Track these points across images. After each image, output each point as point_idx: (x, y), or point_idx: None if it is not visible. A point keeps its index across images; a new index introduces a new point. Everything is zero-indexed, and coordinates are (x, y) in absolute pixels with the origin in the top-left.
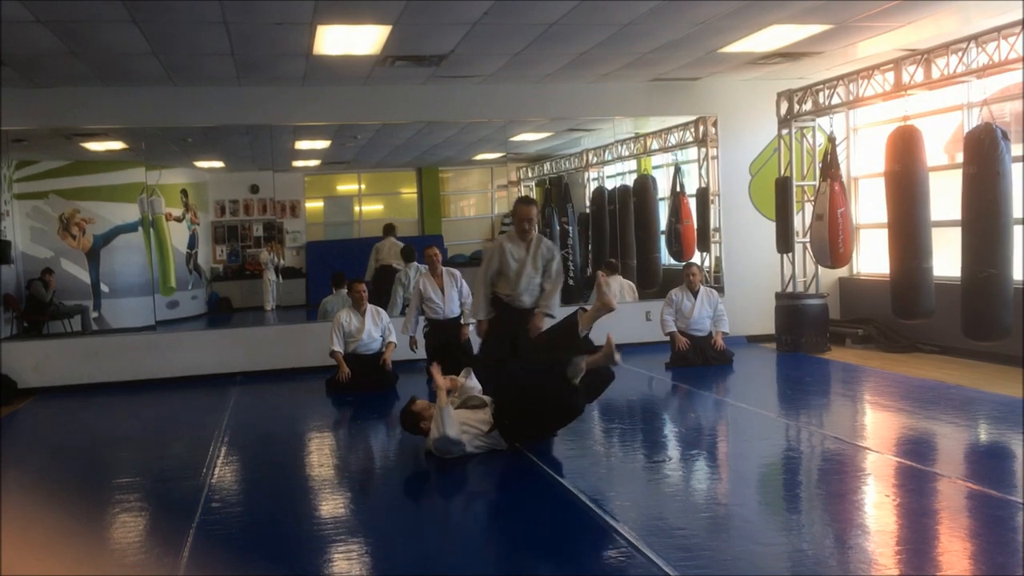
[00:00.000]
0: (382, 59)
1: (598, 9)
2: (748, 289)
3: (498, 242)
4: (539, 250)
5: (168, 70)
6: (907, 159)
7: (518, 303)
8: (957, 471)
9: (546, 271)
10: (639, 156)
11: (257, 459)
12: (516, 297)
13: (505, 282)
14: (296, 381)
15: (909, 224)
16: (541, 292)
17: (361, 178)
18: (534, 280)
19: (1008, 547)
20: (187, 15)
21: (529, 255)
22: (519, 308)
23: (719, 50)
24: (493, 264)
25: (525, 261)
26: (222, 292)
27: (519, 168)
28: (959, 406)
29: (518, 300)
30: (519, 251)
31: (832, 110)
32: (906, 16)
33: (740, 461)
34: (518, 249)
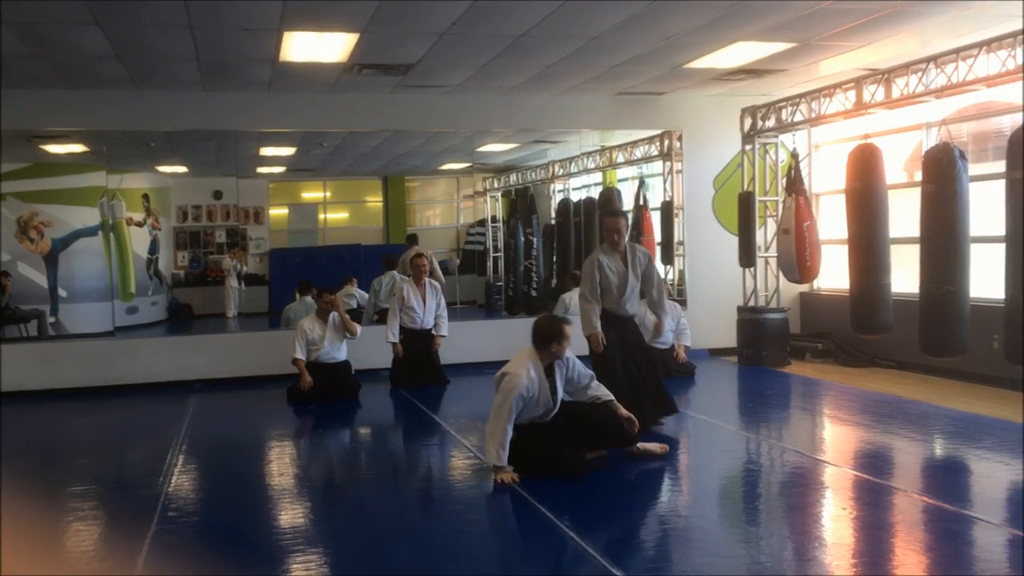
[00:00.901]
0: (349, 67)
1: (566, 22)
2: (711, 302)
3: (592, 257)
4: (636, 258)
5: (131, 73)
6: (867, 176)
7: (622, 311)
8: (913, 485)
9: (646, 277)
10: (605, 169)
11: (216, 467)
12: (620, 307)
13: (607, 296)
14: (257, 389)
15: (868, 240)
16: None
17: (326, 186)
18: (636, 288)
19: (962, 561)
20: (152, 18)
21: (629, 267)
22: (622, 315)
23: (685, 65)
24: (595, 280)
25: (626, 273)
26: (183, 298)
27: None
28: (915, 421)
29: (622, 309)
30: (616, 263)
31: (795, 127)
32: (868, 36)
33: (701, 474)
34: (614, 261)
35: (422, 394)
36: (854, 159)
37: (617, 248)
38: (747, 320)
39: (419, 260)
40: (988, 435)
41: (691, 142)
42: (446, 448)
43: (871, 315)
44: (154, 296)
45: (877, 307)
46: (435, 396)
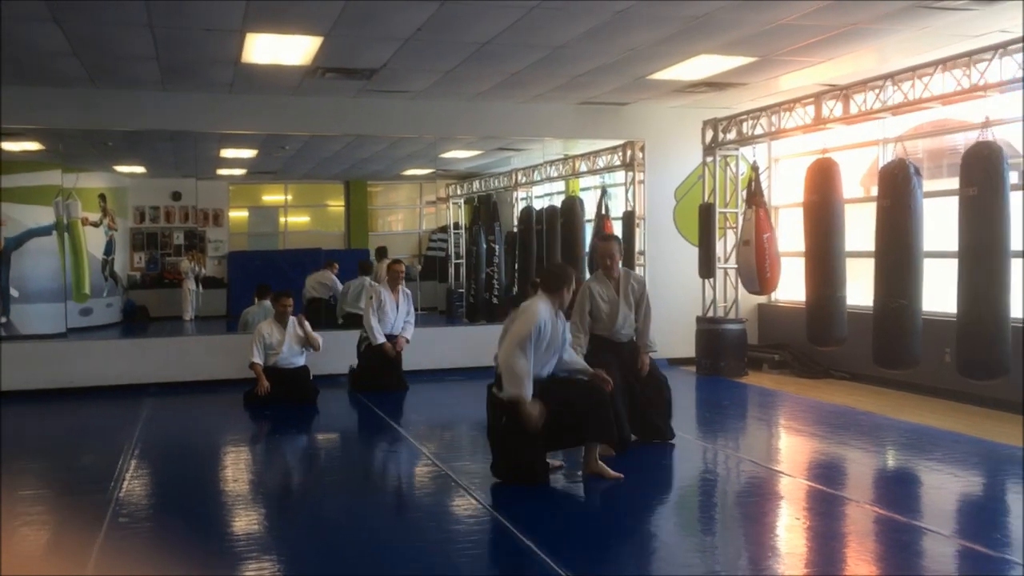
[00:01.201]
0: (312, 70)
1: (530, 31)
2: (670, 312)
3: (585, 285)
4: (629, 285)
5: (90, 72)
6: (825, 190)
7: (617, 338)
8: (865, 496)
9: (638, 306)
10: (568, 177)
11: (169, 473)
12: (615, 334)
13: (599, 323)
14: (213, 394)
15: (825, 253)
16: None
17: (288, 189)
18: (629, 317)
19: (911, 571)
20: (111, 17)
21: (620, 295)
22: (618, 341)
23: (648, 77)
24: (584, 310)
25: (617, 301)
26: (139, 300)
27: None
28: (868, 432)
29: (617, 335)
30: (608, 291)
31: (755, 140)
32: (827, 53)
33: (658, 483)
34: (606, 289)
35: (381, 400)
36: (812, 173)
37: (611, 274)
38: (706, 330)
39: (397, 266)
40: (938, 447)
41: (653, 153)
42: (404, 455)
43: (826, 327)
44: (109, 298)
45: (832, 319)
46: (394, 402)
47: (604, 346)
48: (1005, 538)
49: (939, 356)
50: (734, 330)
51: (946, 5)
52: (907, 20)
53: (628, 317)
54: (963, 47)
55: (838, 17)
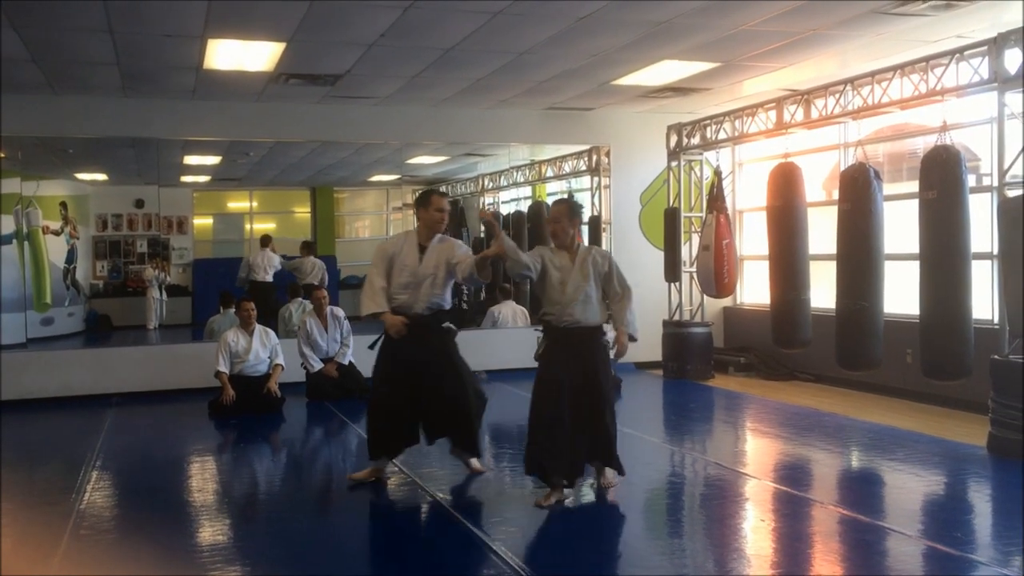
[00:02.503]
0: (276, 76)
1: (494, 37)
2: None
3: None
4: (590, 258)
5: (48, 77)
6: (787, 194)
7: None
8: (830, 497)
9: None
10: (534, 183)
11: (132, 484)
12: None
13: (549, 299)
14: (178, 403)
15: (788, 257)
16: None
17: (253, 195)
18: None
19: (876, 571)
20: (70, 22)
21: (576, 264)
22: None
23: (612, 82)
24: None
25: (570, 269)
26: (102, 309)
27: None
28: (832, 433)
29: (569, 318)
30: (560, 259)
31: (719, 144)
32: (788, 58)
33: (625, 487)
34: (559, 257)
35: (347, 408)
36: (775, 177)
37: (559, 242)
38: (672, 334)
39: (318, 293)
40: (901, 447)
41: (619, 158)
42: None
43: (791, 330)
44: (71, 307)
45: (796, 322)
46: (358, 409)
47: (557, 346)
48: (967, 537)
49: (901, 357)
50: (700, 333)
51: (904, 11)
52: (866, 26)
53: (584, 290)
54: (921, 52)
55: (799, 23)
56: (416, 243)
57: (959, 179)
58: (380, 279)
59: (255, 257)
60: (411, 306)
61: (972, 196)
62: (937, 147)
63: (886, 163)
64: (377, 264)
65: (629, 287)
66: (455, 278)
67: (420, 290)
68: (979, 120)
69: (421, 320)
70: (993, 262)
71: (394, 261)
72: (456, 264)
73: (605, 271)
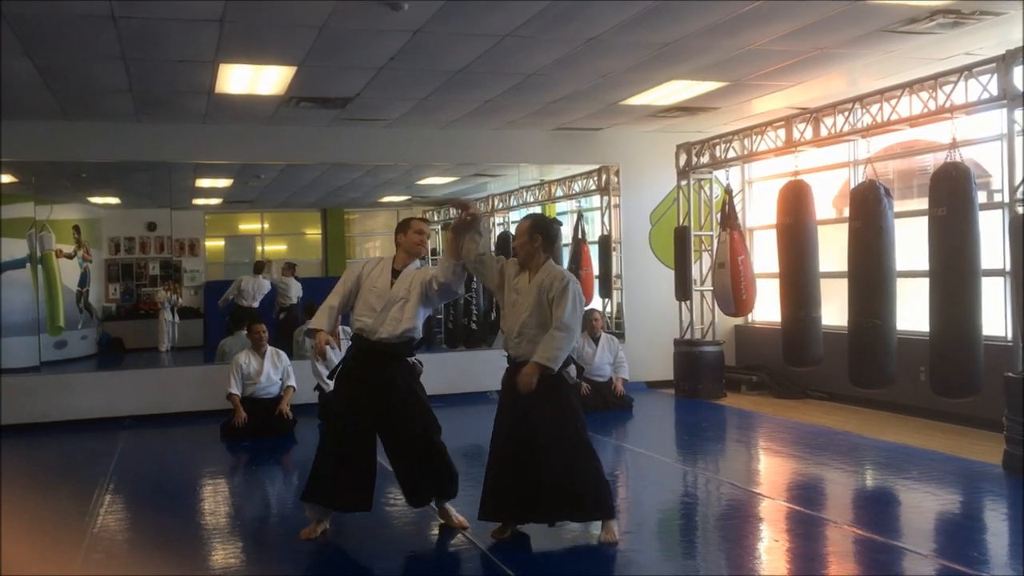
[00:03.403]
0: (287, 99)
1: (503, 59)
2: (648, 335)
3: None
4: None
5: (62, 104)
6: (797, 212)
7: (514, 353)
8: (844, 516)
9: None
10: (544, 203)
11: (145, 507)
12: (511, 347)
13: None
14: (190, 425)
15: (799, 275)
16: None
17: (264, 217)
18: (529, 323)
19: None
20: (84, 50)
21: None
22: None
23: (621, 102)
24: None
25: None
26: (114, 332)
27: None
28: (846, 452)
29: (514, 349)
30: (521, 279)
31: (728, 163)
32: (796, 77)
33: (639, 507)
34: (520, 277)
35: None
36: (784, 195)
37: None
38: (684, 353)
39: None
40: (915, 465)
41: (628, 177)
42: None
43: (802, 348)
44: (84, 330)
45: (808, 340)
46: None
47: (506, 383)
48: (983, 556)
49: (914, 375)
50: (711, 352)
51: (912, 29)
52: (874, 44)
53: (522, 321)
54: (930, 70)
55: (806, 42)
56: (391, 267)
57: (969, 196)
58: (335, 298)
59: (246, 283)
60: (375, 330)
61: (983, 213)
62: (947, 164)
63: (896, 180)
64: (341, 283)
65: (568, 323)
66: (432, 297)
67: (387, 314)
68: (989, 136)
69: (385, 348)
70: (1005, 279)
71: (361, 283)
72: (432, 276)
73: (552, 297)
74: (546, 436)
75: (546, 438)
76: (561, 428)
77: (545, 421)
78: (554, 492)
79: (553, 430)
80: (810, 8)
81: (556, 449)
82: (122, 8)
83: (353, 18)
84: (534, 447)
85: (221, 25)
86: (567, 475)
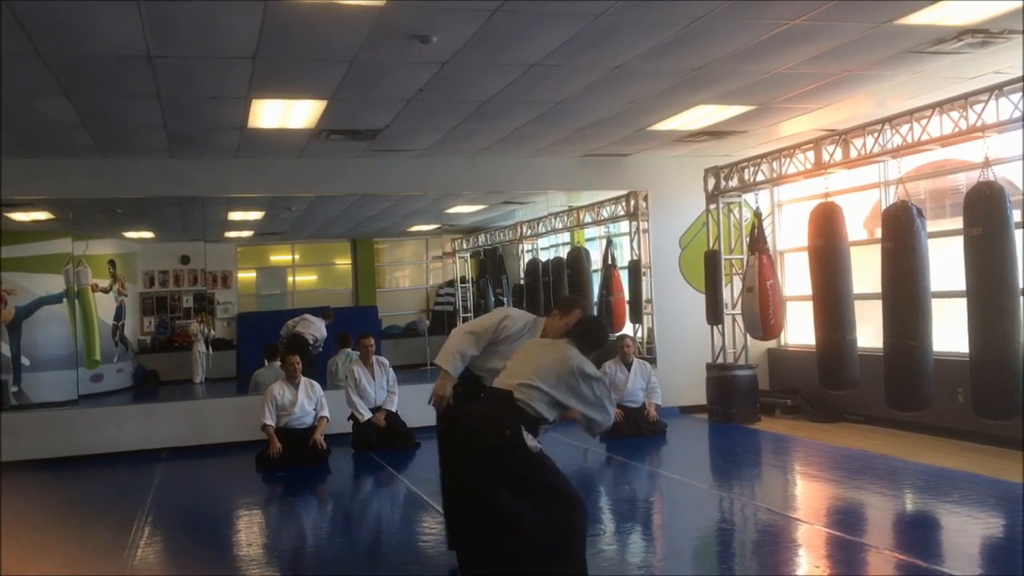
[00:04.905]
0: (317, 132)
1: (530, 88)
2: (680, 360)
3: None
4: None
5: (98, 142)
6: (829, 234)
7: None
8: (885, 541)
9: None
10: (572, 229)
11: (183, 540)
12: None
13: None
14: (225, 456)
15: (832, 297)
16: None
17: (295, 249)
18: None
19: None
20: (120, 89)
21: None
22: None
23: (648, 128)
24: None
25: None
26: (149, 365)
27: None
28: (885, 476)
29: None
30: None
31: (757, 186)
32: (824, 99)
33: (674, 533)
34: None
35: (391, 458)
36: (815, 217)
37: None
38: (716, 377)
39: (365, 341)
40: (956, 489)
41: (657, 202)
42: (417, 513)
43: (838, 371)
44: (120, 363)
45: (843, 363)
46: (405, 460)
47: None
48: None
49: (952, 396)
50: (744, 376)
51: (940, 49)
52: (901, 65)
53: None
54: (959, 89)
55: (833, 65)
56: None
57: (1004, 215)
58: (471, 347)
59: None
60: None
61: (1019, 231)
62: (980, 183)
63: (928, 200)
64: (480, 329)
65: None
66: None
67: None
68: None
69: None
70: None
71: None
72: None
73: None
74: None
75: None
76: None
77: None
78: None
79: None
80: (836, 31)
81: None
82: (157, 48)
83: (383, 51)
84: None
85: (253, 62)
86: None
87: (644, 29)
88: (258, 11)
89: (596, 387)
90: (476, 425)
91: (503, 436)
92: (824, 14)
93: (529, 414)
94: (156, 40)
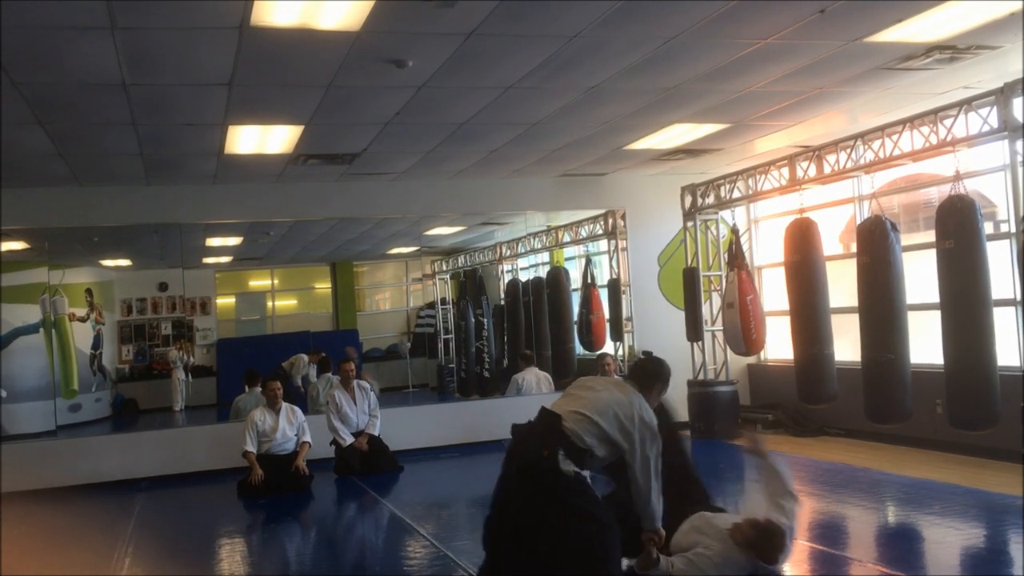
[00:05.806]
0: (295, 157)
1: (506, 110)
2: None
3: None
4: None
5: (74, 171)
6: (805, 249)
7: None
8: (868, 554)
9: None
10: (551, 248)
11: (164, 570)
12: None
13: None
14: (206, 485)
15: (810, 311)
16: None
17: (274, 273)
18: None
19: None
20: (94, 117)
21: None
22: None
23: (624, 147)
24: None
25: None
26: (128, 393)
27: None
28: (866, 488)
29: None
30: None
31: (733, 203)
32: (797, 116)
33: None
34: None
35: (374, 482)
36: (791, 233)
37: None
38: (697, 394)
39: (346, 365)
40: (937, 500)
41: (634, 220)
42: (401, 537)
43: (816, 385)
44: (98, 392)
45: (821, 377)
46: (389, 484)
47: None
48: None
49: (931, 408)
50: (725, 392)
51: (909, 66)
52: (872, 81)
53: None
54: (929, 104)
55: (805, 82)
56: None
57: (975, 227)
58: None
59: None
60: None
61: (990, 243)
62: (952, 197)
63: (902, 214)
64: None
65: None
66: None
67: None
68: (992, 167)
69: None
70: (1017, 308)
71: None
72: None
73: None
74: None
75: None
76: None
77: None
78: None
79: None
80: (807, 50)
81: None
82: (132, 76)
83: (359, 76)
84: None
85: (230, 88)
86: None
87: (618, 50)
88: (234, 38)
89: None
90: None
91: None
92: (795, 33)
93: (576, 444)
94: (131, 68)
